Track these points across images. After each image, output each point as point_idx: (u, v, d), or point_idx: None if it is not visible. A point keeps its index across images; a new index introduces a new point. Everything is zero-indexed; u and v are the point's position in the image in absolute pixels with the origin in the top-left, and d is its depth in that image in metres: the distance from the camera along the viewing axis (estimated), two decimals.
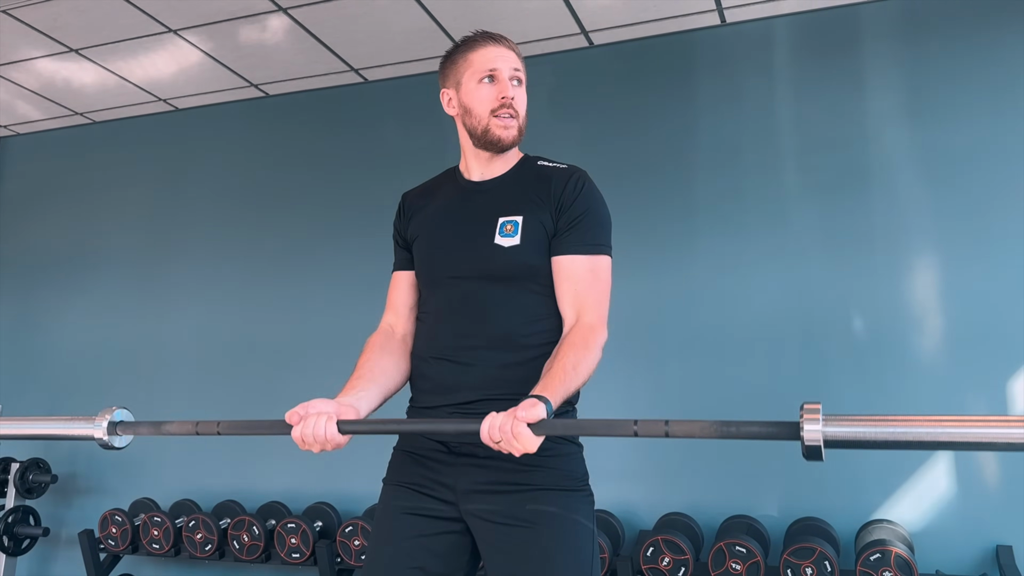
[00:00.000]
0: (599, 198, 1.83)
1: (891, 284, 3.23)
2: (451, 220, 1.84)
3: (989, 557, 2.94)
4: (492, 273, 1.75)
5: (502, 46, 1.81)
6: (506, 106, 1.78)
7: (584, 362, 1.64)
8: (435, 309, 1.84)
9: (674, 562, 2.97)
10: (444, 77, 1.88)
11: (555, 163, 1.88)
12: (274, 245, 4.27)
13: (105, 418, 1.80)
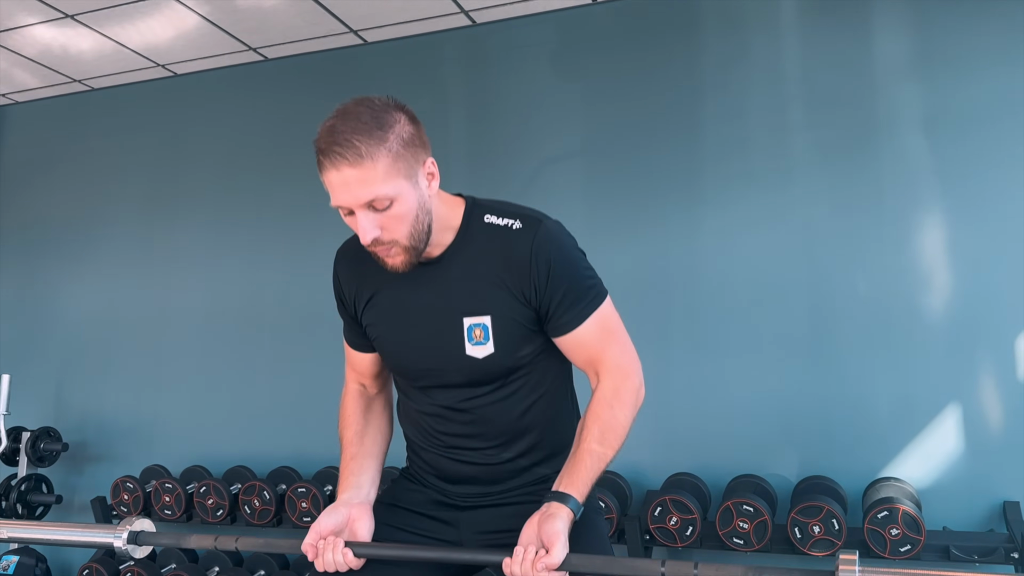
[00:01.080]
0: (568, 251, 1.59)
1: (899, 242, 3.20)
2: (410, 315, 1.61)
3: (996, 513, 2.95)
4: (470, 383, 1.60)
5: (343, 168, 1.45)
6: (372, 246, 1.50)
7: (612, 425, 1.54)
8: (417, 401, 1.69)
9: (682, 521, 2.99)
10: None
11: (505, 219, 1.59)
12: (277, 210, 4.24)
13: (126, 528, 1.81)
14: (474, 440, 1.64)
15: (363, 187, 1.44)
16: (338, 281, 1.74)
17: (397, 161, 1.45)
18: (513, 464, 1.65)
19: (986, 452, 3.01)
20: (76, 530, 1.97)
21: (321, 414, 4.00)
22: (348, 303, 1.71)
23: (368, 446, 1.70)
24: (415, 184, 1.49)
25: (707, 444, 3.36)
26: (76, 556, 4.28)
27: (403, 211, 1.47)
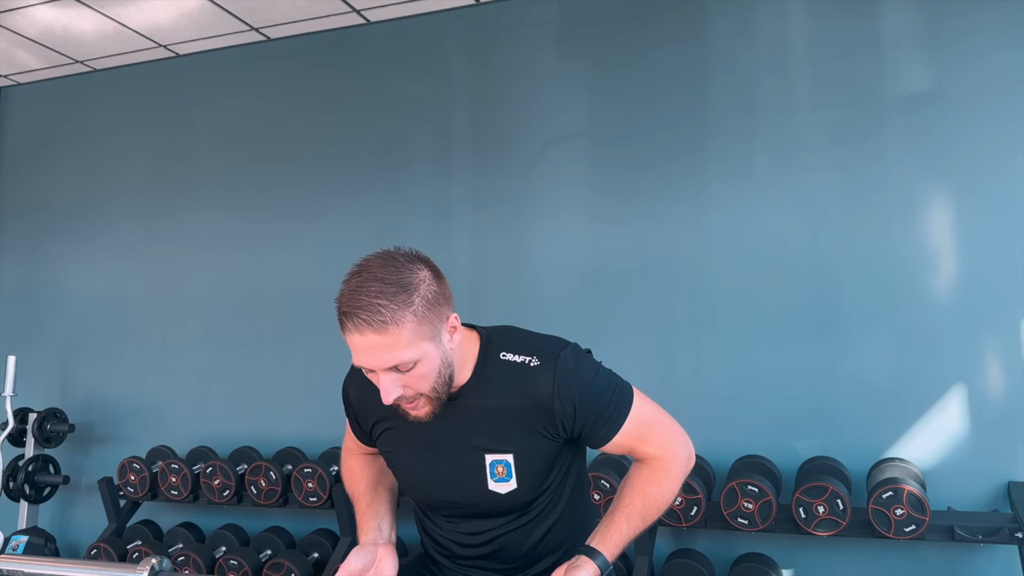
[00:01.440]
0: (589, 379, 1.55)
1: (905, 222, 3.19)
2: (430, 449, 1.60)
3: (1001, 494, 2.95)
4: (491, 514, 1.63)
5: (367, 333, 1.40)
6: (396, 402, 1.50)
7: (654, 502, 1.57)
8: (437, 523, 1.71)
9: (686, 501, 2.99)
10: None
11: (522, 358, 1.56)
12: (281, 190, 4.23)
13: (146, 568, 1.79)
14: (494, 562, 1.68)
15: (387, 353, 1.41)
16: (350, 404, 1.73)
17: (422, 324, 1.43)
18: (536, 568, 1.69)
19: (991, 433, 3.01)
20: (100, 568, 1.98)
21: (326, 395, 4.00)
22: (363, 425, 1.71)
23: (382, 494, 1.73)
24: (438, 343, 1.47)
25: (712, 425, 3.36)
26: (84, 536, 4.31)
27: (426, 371, 1.46)
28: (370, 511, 1.67)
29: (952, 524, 2.82)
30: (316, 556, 3.60)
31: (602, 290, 3.56)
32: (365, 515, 1.67)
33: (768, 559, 3.10)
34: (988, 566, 2.94)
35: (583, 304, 3.51)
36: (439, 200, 3.93)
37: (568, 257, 3.63)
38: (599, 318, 3.47)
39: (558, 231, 3.67)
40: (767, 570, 3.04)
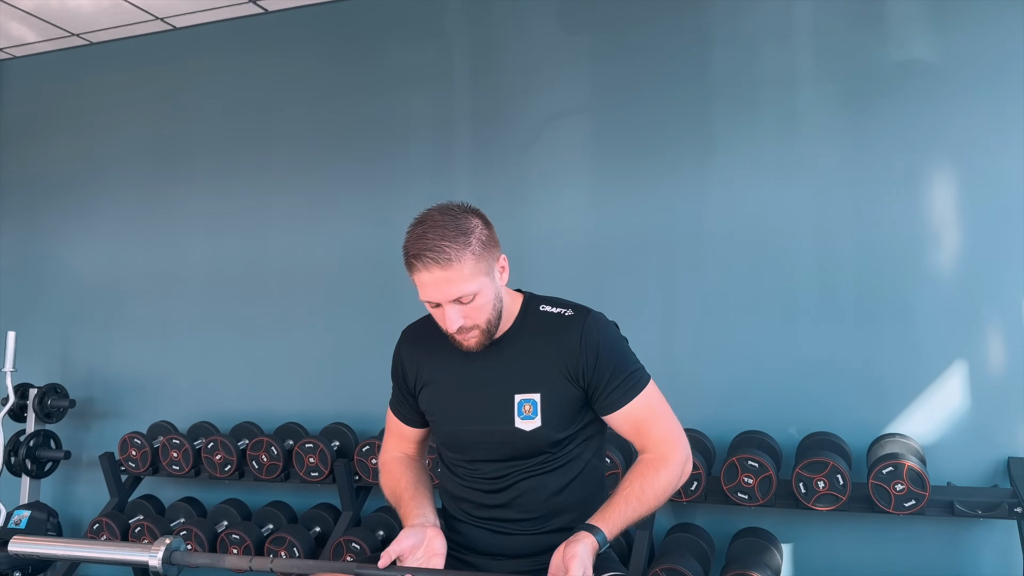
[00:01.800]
0: (614, 338, 1.77)
1: (908, 198, 3.17)
2: (466, 390, 1.80)
3: (1000, 469, 2.96)
4: (516, 455, 1.76)
5: (434, 269, 1.64)
6: (455, 332, 1.72)
7: (651, 490, 1.66)
8: (462, 475, 1.85)
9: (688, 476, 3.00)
10: None
11: (559, 308, 1.81)
12: (279, 164, 4.21)
13: (160, 548, 1.81)
14: (513, 511, 1.78)
15: (451, 286, 1.64)
16: (400, 360, 1.93)
17: (479, 262, 1.66)
18: (547, 539, 1.76)
19: (991, 408, 3.01)
20: (116, 548, 2.01)
21: (327, 371, 4.03)
22: (410, 378, 1.88)
23: (423, 491, 1.82)
24: (492, 279, 1.72)
25: (712, 400, 3.37)
26: (86, 511, 4.33)
27: (483, 302, 1.69)
28: (413, 502, 1.75)
29: (952, 499, 2.83)
30: (318, 530, 3.62)
31: (603, 265, 3.55)
32: (409, 505, 1.75)
33: (768, 533, 3.12)
34: (987, 541, 2.96)
35: (584, 280, 3.50)
36: (439, 174, 3.91)
37: (569, 232, 3.61)
38: (600, 294, 3.46)
39: (559, 207, 3.65)
40: (767, 544, 3.06)
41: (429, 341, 1.86)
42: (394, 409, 1.96)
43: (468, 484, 1.83)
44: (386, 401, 3.80)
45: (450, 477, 1.89)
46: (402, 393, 1.92)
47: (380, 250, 3.97)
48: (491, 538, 1.81)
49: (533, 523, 1.78)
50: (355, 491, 3.58)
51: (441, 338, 1.82)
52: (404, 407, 1.92)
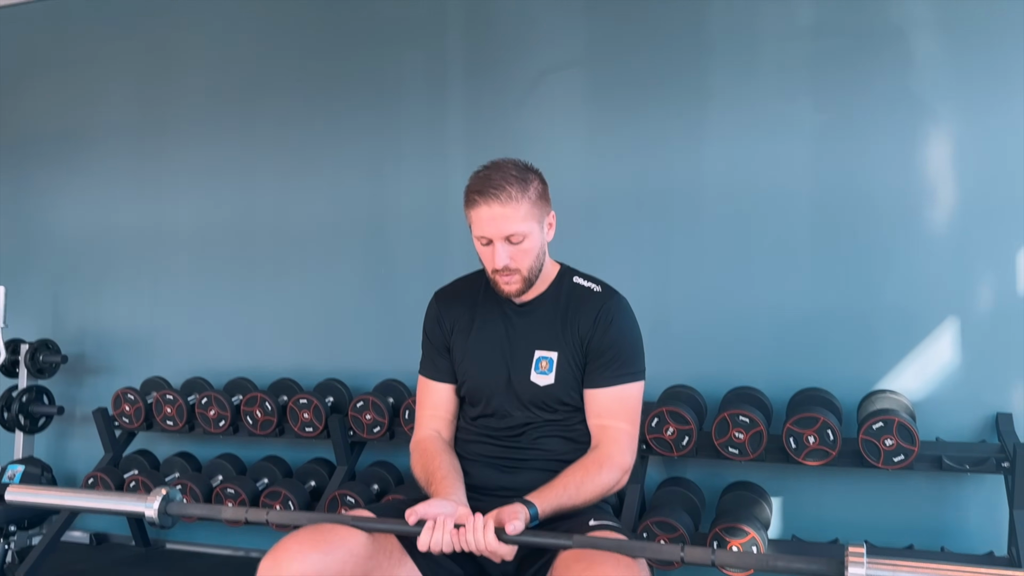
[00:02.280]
0: (629, 325, 1.88)
1: (905, 153, 3.16)
2: (493, 344, 1.92)
3: (989, 425, 3.00)
4: (531, 407, 1.87)
5: (494, 204, 1.78)
6: (499, 272, 1.82)
7: (590, 484, 1.74)
8: (480, 425, 1.94)
9: (678, 432, 3.03)
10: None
11: (590, 283, 1.93)
12: (269, 118, 4.16)
13: (156, 498, 1.81)
14: (525, 455, 1.88)
15: (507, 223, 1.78)
16: (436, 314, 2.01)
17: (533, 208, 1.81)
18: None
19: (982, 365, 3.03)
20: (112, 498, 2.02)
21: (320, 326, 4.02)
22: (445, 330, 1.98)
23: (456, 475, 1.85)
24: (541, 229, 1.86)
25: (705, 356, 3.38)
26: (80, 466, 4.35)
27: (530, 247, 1.82)
28: (446, 482, 1.77)
29: (940, 454, 2.86)
30: (313, 484, 3.64)
31: (597, 221, 3.54)
32: (441, 484, 1.77)
33: (758, 487, 3.16)
34: (974, 495, 3.00)
35: (578, 235, 3.45)
36: (432, 128, 3.87)
37: (563, 187, 3.54)
38: (594, 249, 3.43)
39: (553, 161, 3.56)
40: (757, 498, 3.09)
41: (463, 299, 1.99)
42: (427, 371, 2.01)
43: (484, 433, 1.91)
44: (379, 357, 3.84)
45: (467, 429, 1.96)
46: (436, 348, 1.99)
47: (373, 205, 3.94)
48: (500, 477, 1.86)
49: (544, 464, 1.86)
50: (350, 446, 3.60)
51: (474, 297, 1.97)
52: (439, 359, 1.98)
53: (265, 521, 1.72)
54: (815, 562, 1.42)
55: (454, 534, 1.57)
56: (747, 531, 2.81)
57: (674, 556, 1.48)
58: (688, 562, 1.47)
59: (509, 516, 1.57)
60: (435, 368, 1.99)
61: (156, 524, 1.81)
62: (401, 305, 3.83)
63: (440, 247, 3.80)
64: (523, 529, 1.55)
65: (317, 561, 1.53)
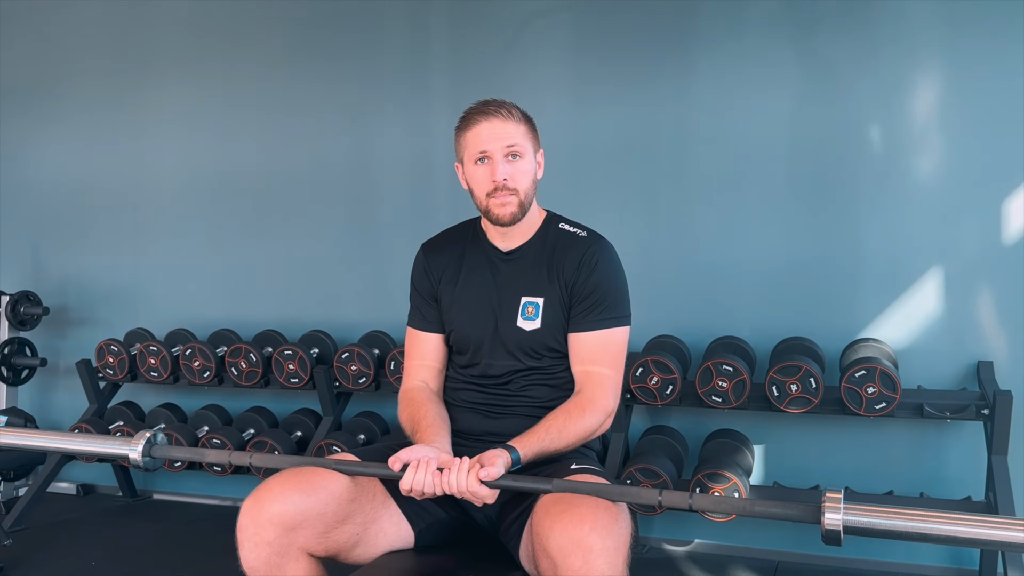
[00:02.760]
0: (614, 270, 1.88)
1: (892, 103, 3.13)
2: (479, 295, 1.91)
3: (970, 373, 3.02)
4: (517, 353, 1.86)
5: (495, 119, 1.82)
6: (499, 188, 1.81)
7: (573, 428, 1.71)
8: (467, 374, 1.93)
9: (662, 381, 3.04)
10: (456, 151, 1.92)
11: (576, 229, 1.93)
12: (248, 66, 4.09)
13: (140, 441, 1.78)
14: (511, 401, 1.88)
15: (507, 136, 1.81)
16: (423, 265, 2.00)
17: (529, 132, 1.86)
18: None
19: (964, 314, 3.05)
20: (95, 441, 1.98)
21: (304, 277, 4.00)
22: (432, 280, 1.97)
23: (442, 424, 1.83)
24: (535, 158, 1.89)
25: (690, 307, 3.39)
26: (65, 417, 4.34)
27: (526, 168, 1.84)
28: (431, 430, 1.76)
29: (922, 402, 2.88)
30: (299, 435, 3.65)
31: (583, 171, 3.51)
32: (427, 432, 1.75)
33: (740, 435, 3.19)
34: (954, 443, 3.04)
35: (563, 185, 3.44)
36: (415, 74, 3.81)
37: (550, 137, 3.50)
38: (579, 199, 3.40)
39: (540, 110, 3.53)
40: (739, 445, 3.12)
41: (450, 250, 1.98)
42: (415, 322, 2.00)
43: (470, 380, 1.91)
44: (365, 308, 3.83)
45: (455, 377, 1.96)
46: (424, 299, 1.99)
47: (356, 153, 3.90)
48: (485, 423, 1.86)
49: (529, 410, 1.85)
50: (335, 397, 3.60)
51: (461, 247, 1.97)
52: (427, 309, 1.98)
53: (248, 464, 1.71)
54: (792, 507, 1.42)
55: (436, 476, 1.56)
56: (729, 477, 2.84)
57: (652, 500, 1.48)
58: (666, 506, 1.47)
59: (490, 460, 1.56)
60: (423, 318, 1.98)
61: (140, 467, 1.79)
62: (386, 256, 3.80)
63: (425, 196, 3.76)
64: (503, 473, 1.55)
65: (299, 502, 1.53)
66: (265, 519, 1.53)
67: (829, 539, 1.36)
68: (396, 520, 1.71)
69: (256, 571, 1.55)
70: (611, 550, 1.40)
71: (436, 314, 1.97)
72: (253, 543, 1.53)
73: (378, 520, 1.68)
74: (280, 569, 1.54)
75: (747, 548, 3.23)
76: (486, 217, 1.88)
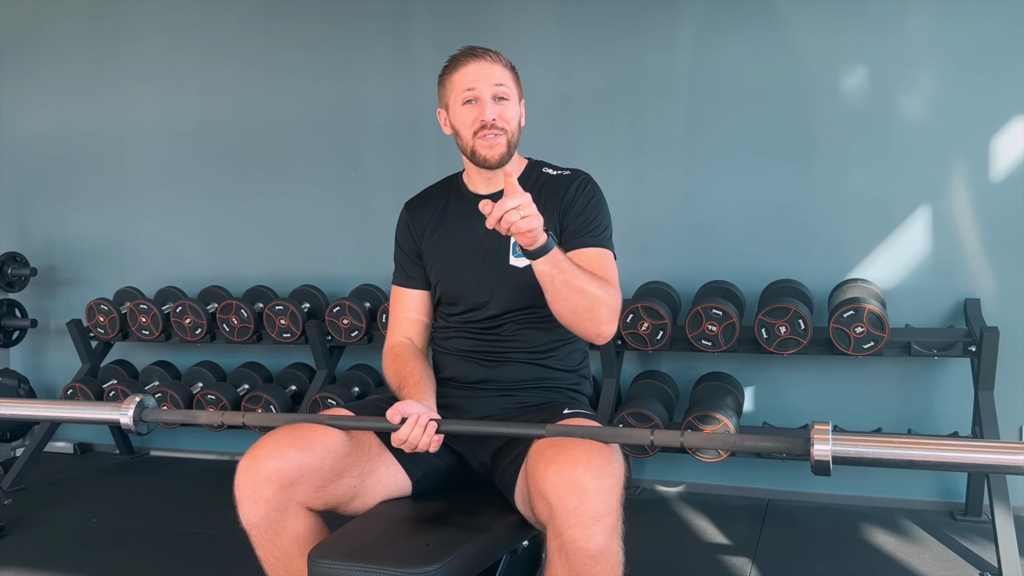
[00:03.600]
0: (601, 200, 1.87)
1: (879, 42, 3.11)
2: (465, 242, 1.88)
3: (958, 310, 3.05)
4: (512, 294, 1.82)
5: (483, 61, 1.82)
6: (486, 127, 1.79)
7: (593, 281, 1.66)
8: (456, 323, 1.90)
9: (653, 327, 3.06)
10: (439, 96, 1.89)
11: (559, 170, 1.92)
12: (227, 16, 4.01)
13: (130, 405, 1.78)
14: (505, 346, 1.85)
15: (495, 77, 1.81)
16: (406, 222, 1.98)
17: (514, 79, 1.87)
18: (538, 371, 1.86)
19: (951, 252, 3.07)
20: (84, 408, 1.98)
21: (293, 233, 3.98)
22: (415, 236, 1.96)
23: (428, 382, 1.81)
24: (520, 105, 1.89)
25: (678, 253, 3.40)
26: (59, 377, 4.34)
27: (513, 112, 1.84)
28: (417, 388, 1.75)
29: (909, 340, 2.92)
30: (294, 388, 3.67)
31: (569, 116, 3.48)
32: (413, 391, 1.74)
33: (730, 377, 3.22)
34: (941, 379, 3.08)
35: (549, 130, 3.42)
36: (397, 25, 3.74)
37: (534, 81, 3.49)
38: (565, 145, 3.40)
39: (523, 56, 3.50)
40: (729, 387, 3.16)
41: (432, 204, 1.96)
42: (398, 280, 1.99)
43: (463, 328, 1.88)
44: (355, 262, 3.82)
45: (446, 328, 1.93)
46: (408, 255, 1.97)
47: (340, 104, 3.85)
48: (481, 371, 1.85)
49: (524, 355, 1.84)
50: (328, 351, 3.61)
51: (443, 200, 1.95)
52: (411, 267, 1.96)
53: (241, 424, 1.72)
54: (782, 440, 1.45)
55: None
56: (719, 419, 2.88)
57: (644, 440, 1.50)
58: (658, 444, 1.49)
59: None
60: (406, 276, 1.97)
61: (133, 431, 1.80)
62: (375, 209, 3.79)
63: (411, 147, 3.73)
64: (543, 238, 1.55)
65: (295, 458, 1.54)
66: (263, 476, 1.54)
67: (819, 470, 1.39)
68: (393, 470, 1.73)
69: (256, 527, 1.56)
70: (605, 490, 1.42)
71: (419, 271, 1.95)
72: (251, 500, 1.54)
73: (375, 472, 1.70)
74: (279, 524, 1.56)
75: (738, 487, 3.29)
76: (472, 160, 1.85)
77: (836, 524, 2.99)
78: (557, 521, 1.41)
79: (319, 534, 1.61)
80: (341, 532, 1.58)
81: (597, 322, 1.68)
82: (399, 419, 1.60)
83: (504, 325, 1.85)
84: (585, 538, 1.39)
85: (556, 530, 1.42)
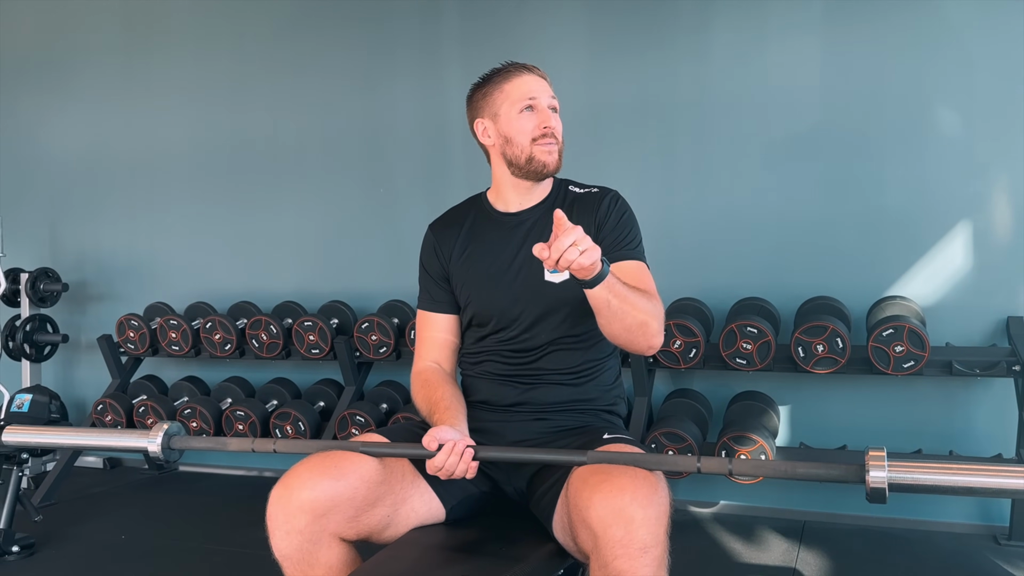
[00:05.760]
0: (632, 214, 1.87)
1: (918, 52, 3.05)
2: (497, 262, 1.86)
3: (1000, 329, 2.97)
4: (547, 313, 1.79)
5: (536, 75, 1.85)
6: (547, 135, 1.80)
7: (644, 300, 1.65)
8: (489, 344, 1.86)
9: (685, 344, 3.01)
10: (477, 108, 1.87)
11: (587, 187, 1.91)
12: (257, 32, 4.04)
13: (158, 433, 1.77)
14: (540, 365, 1.82)
15: (550, 90, 1.87)
16: (432, 244, 1.95)
17: (556, 98, 1.88)
18: (573, 391, 1.82)
19: (993, 269, 2.99)
20: (113, 435, 1.98)
21: (322, 247, 3.98)
22: (442, 259, 1.92)
23: (459, 406, 1.78)
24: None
25: (711, 268, 3.35)
26: (89, 392, 4.37)
27: (561, 127, 1.85)
28: (448, 413, 1.72)
29: (950, 359, 2.85)
30: (322, 405, 3.66)
31: (599, 130, 3.45)
32: (444, 415, 1.71)
33: (765, 396, 3.16)
34: (983, 399, 3.00)
35: (579, 145, 3.37)
36: (426, 39, 3.74)
37: (564, 96, 3.46)
38: (596, 159, 3.37)
39: (554, 69, 3.49)
40: (764, 407, 3.10)
41: (457, 225, 1.93)
42: (424, 304, 1.95)
43: (495, 351, 1.85)
44: (383, 278, 3.80)
45: (476, 353, 1.89)
46: (434, 279, 1.94)
47: (369, 120, 3.85)
48: (515, 394, 1.81)
49: (559, 377, 1.81)
50: (357, 367, 3.60)
51: (468, 221, 1.92)
52: (437, 291, 1.93)
53: (272, 450, 1.69)
54: (836, 468, 1.39)
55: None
56: (755, 439, 2.83)
57: (691, 467, 1.46)
58: (705, 472, 1.45)
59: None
60: (432, 300, 1.93)
61: (160, 460, 1.80)
62: (403, 225, 3.77)
63: (440, 161, 3.72)
64: (599, 267, 1.51)
65: (328, 488, 1.51)
66: (295, 507, 1.51)
67: (875, 498, 1.34)
68: (427, 498, 1.69)
69: (289, 559, 1.53)
70: (652, 520, 1.38)
71: (446, 295, 1.91)
72: (284, 531, 1.52)
73: (408, 500, 1.66)
74: (312, 555, 1.53)
75: (773, 508, 3.23)
76: (526, 167, 1.81)
77: (875, 547, 2.91)
78: (602, 552, 1.37)
79: (352, 564, 1.58)
80: (374, 561, 1.55)
81: (649, 336, 1.67)
82: (436, 446, 1.57)
83: (537, 347, 1.81)
84: (632, 570, 1.35)
85: (601, 561, 1.38)
